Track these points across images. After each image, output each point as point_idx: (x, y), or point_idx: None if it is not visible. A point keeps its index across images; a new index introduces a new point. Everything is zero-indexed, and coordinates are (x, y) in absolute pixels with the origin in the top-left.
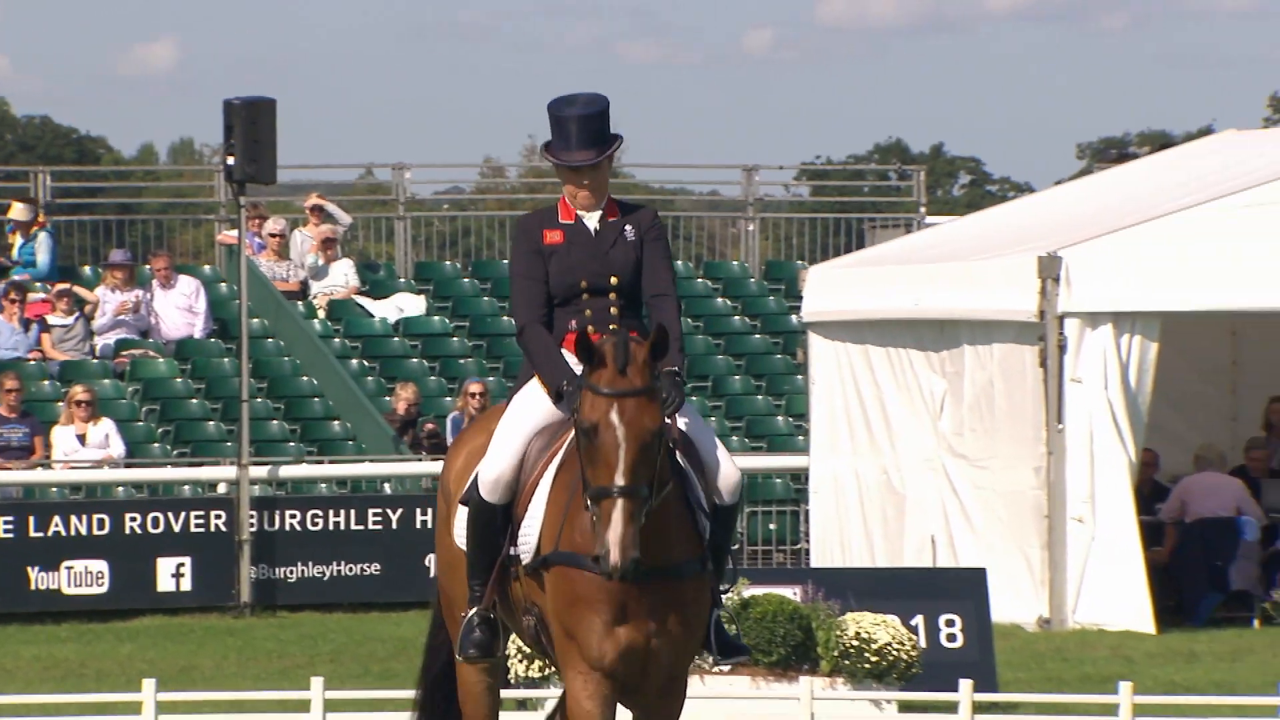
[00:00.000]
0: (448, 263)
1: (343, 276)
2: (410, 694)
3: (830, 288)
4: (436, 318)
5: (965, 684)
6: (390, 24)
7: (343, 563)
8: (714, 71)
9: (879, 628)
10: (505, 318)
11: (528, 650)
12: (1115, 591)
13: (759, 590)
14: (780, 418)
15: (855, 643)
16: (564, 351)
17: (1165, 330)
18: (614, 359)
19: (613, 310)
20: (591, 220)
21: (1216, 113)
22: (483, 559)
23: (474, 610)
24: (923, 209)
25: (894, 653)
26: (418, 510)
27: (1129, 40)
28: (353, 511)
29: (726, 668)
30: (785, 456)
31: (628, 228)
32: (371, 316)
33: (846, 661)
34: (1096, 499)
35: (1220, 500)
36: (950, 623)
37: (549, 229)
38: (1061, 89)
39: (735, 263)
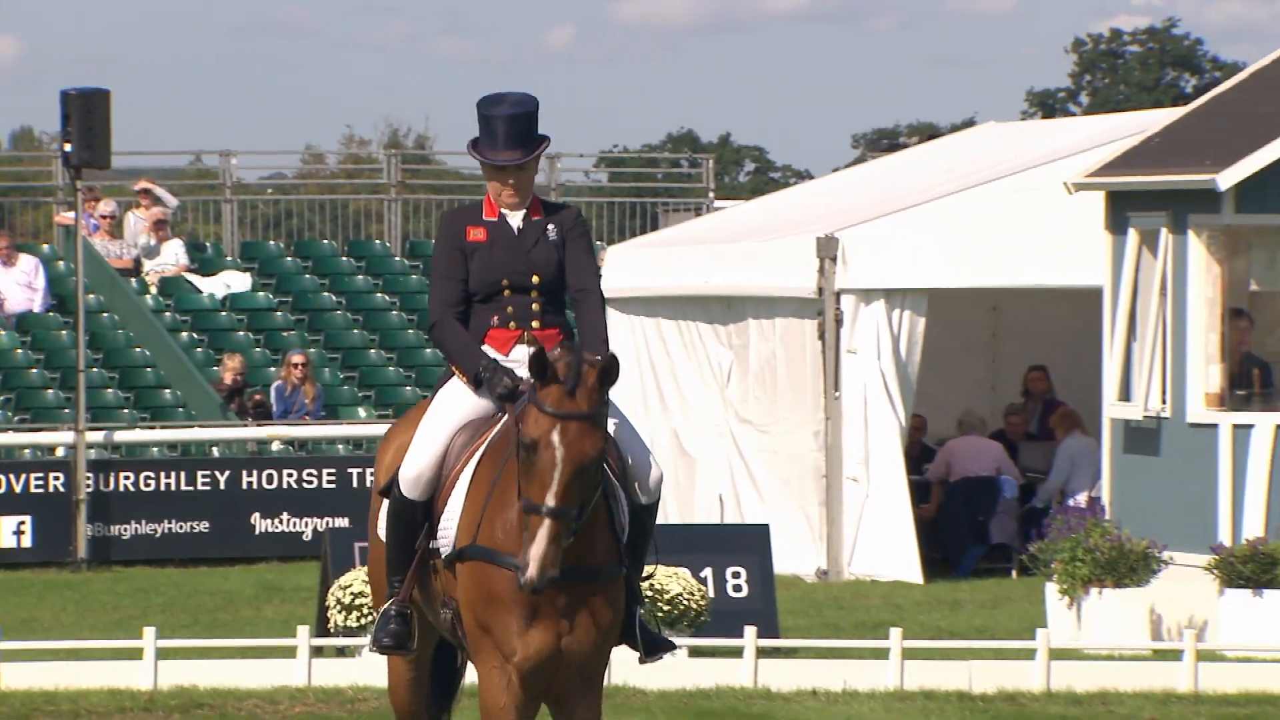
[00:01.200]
0: (271, 243)
1: (173, 255)
2: (233, 642)
3: (627, 267)
4: (261, 294)
5: (750, 631)
6: (219, 21)
7: (173, 521)
8: (518, 67)
9: (671, 580)
10: (326, 293)
11: (346, 603)
12: (887, 545)
13: None
14: None
15: (649, 593)
16: (486, 347)
17: (932, 306)
18: (565, 378)
19: (534, 308)
20: (515, 219)
21: (978, 106)
22: (401, 554)
23: (390, 603)
24: (711, 194)
25: (685, 602)
26: (244, 472)
27: (898, 40)
28: (183, 474)
29: (650, 663)
30: None
31: (550, 226)
32: (200, 292)
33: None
34: (870, 460)
35: (981, 461)
36: (737, 575)
37: (472, 226)
38: (838, 84)
39: None
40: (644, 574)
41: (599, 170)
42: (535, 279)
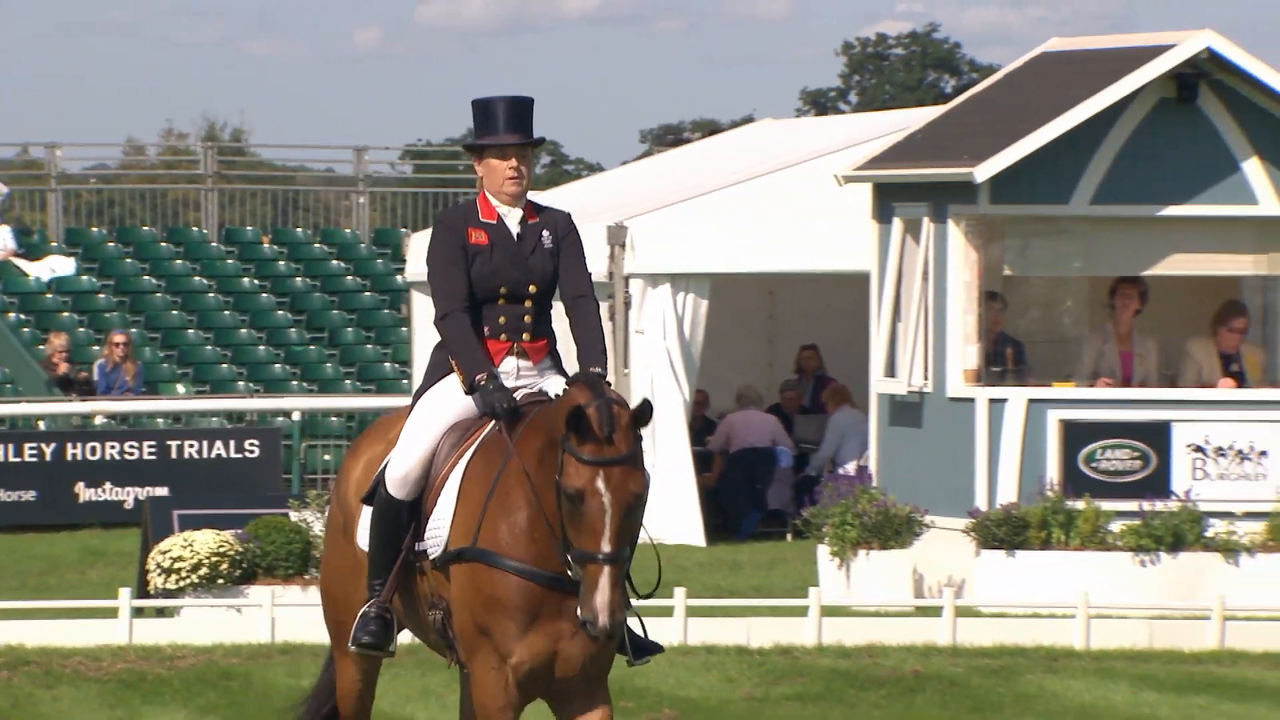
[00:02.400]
0: (95, 229)
1: (1, 241)
2: (59, 603)
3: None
4: (85, 277)
5: None
6: (45, 19)
7: (2, 490)
8: (328, 65)
9: None
10: (147, 277)
11: (165, 566)
12: (672, 511)
13: None
14: (388, 364)
15: None
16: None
17: (714, 289)
18: (599, 426)
19: (526, 319)
20: (513, 221)
21: (756, 104)
22: (385, 555)
23: (371, 604)
24: None
25: None
26: (69, 444)
27: (683, 41)
28: (11, 445)
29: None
30: (392, 397)
31: (545, 233)
32: (27, 276)
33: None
34: (656, 433)
35: (759, 433)
36: None
37: (473, 227)
38: (627, 82)
39: (348, 230)
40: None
41: (404, 162)
42: (532, 288)
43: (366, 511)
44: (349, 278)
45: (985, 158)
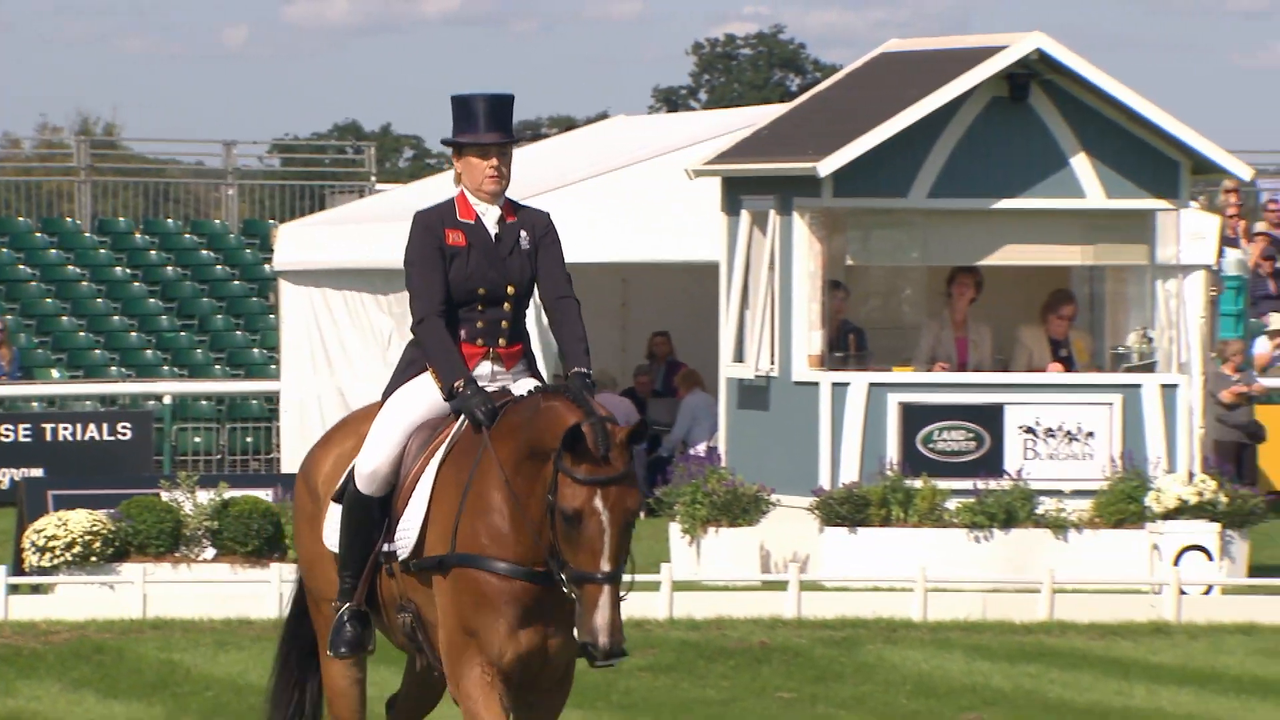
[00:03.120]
0: None
1: None
2: None
3: (297, 243)
4: None
5: None
6: None
7: None
8: (198, 62)
9: None
10: (22, 266)
11: (40, 545)
12: None
13: (237, 493)
14: (256, 350)
15: None
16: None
17: (573, 278)
18: (595, 445)
19: (504, 324)
20: (490, 221)
21: (611, 101)
22: (356, 553)
23: (345, 606)
24: (373, 178)
25: None
26: None
27: (540, 41)
28: None
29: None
30: (260, 382)
31: (523, 233)
32: None
33: None
34: None
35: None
36: None
37: (450, 228)
38: (486, 80)
39: (218, 221)
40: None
41: (272, 156)
42: (510, 290)
43: (334, 510)
44: (218, 267)
45: (828, 153)
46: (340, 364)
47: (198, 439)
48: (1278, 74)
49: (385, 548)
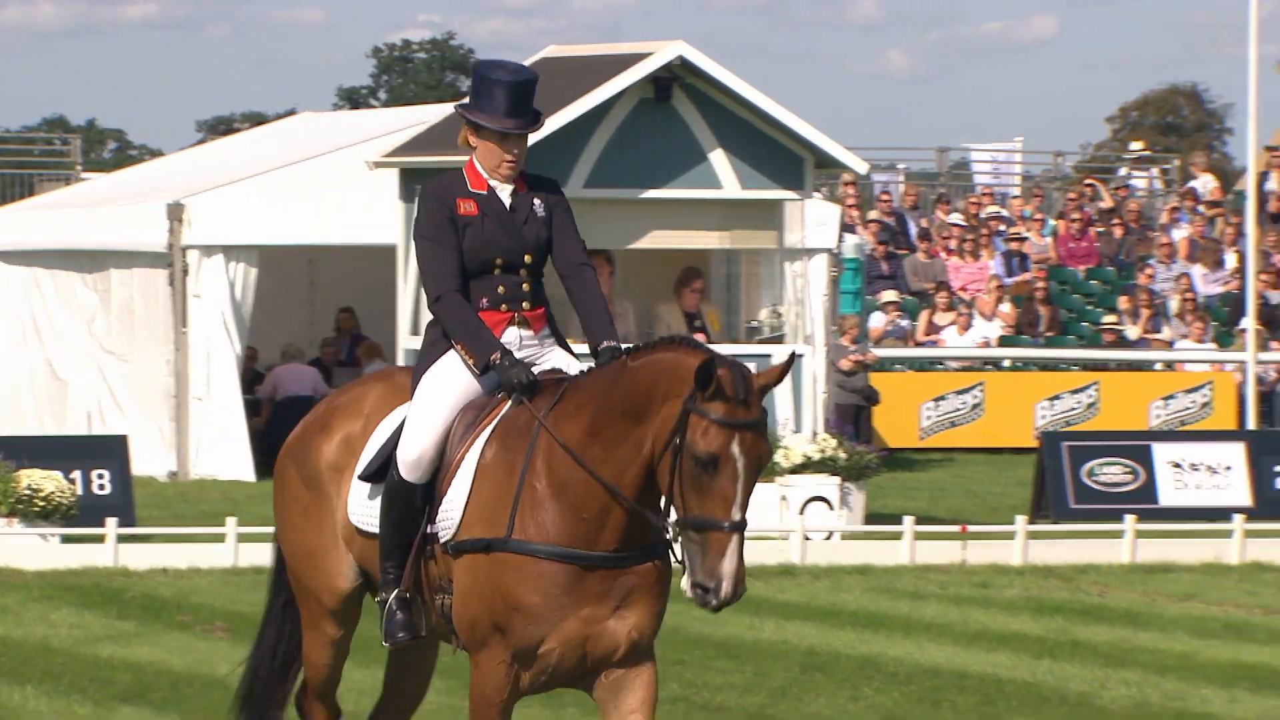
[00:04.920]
0: None
1: None
2: None
3: (8, 227)
4: None
5: (111, 520)
6: None
7: None
8: None
9: (46, 480)
10: None
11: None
12: (226, 451)
13: None
14: None
15: (27, 492)
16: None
17: (262, 259)
18: (734, 389)
19: (524, 287)
20: (504, 192)
21: (299, 99)
22: (399, 540)
23: (393, 594)
24: (79, 167)
25: (57, 499)
26: None
27: (232, 44)
28: None
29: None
30: None
31: (536, 201)
32: None
33: (20, 506)
34: (212, 383)
35: (302, 383)
36: (101, 476)
37: (461, 198)
38: (185, 78)
39: None
40: None
41: None
42: (527, 258)
43: (359, 489)
44: None
45: None
46: (49, 337)
47: None
48: (890, 79)
49: (429, 530)
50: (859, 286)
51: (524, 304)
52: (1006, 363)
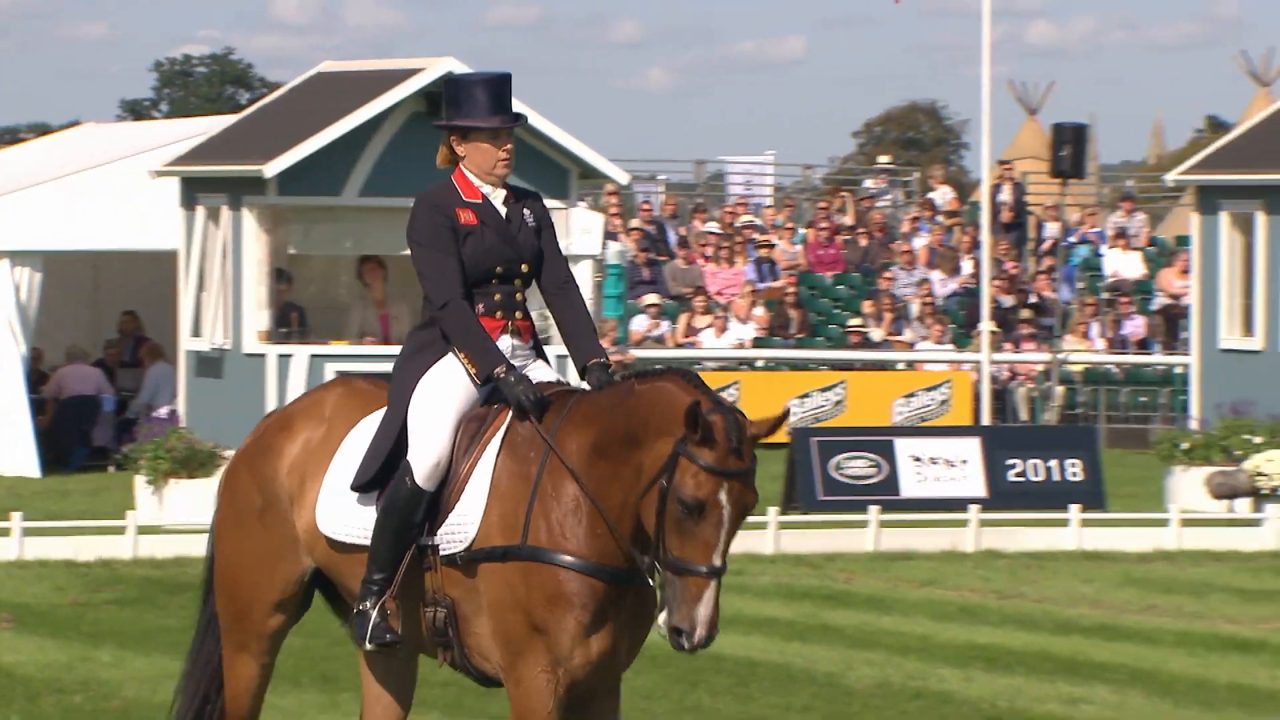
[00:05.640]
0: None
1: None
2: None
3: None
4: None
5: None
6: None
7: None
8: None
9: None
10: None
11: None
12: (11, 448)
13: None
14: None
15: None
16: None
17: (47, 264)
18: (726, 436)
19: (518, 296)
20: (497, 201)
21: (83, 110)
22: (393, 550)
23: (379, 603)
24: None
25: None
26: None
27: (17, 56)
28: None
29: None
30: None
31: (526, 211)
32: None
33: None
34: None
35: (86, 383)
36: None
37: (460, 207)
38: None
39: None
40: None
41: None
42: (524, 267)
43: (340, 499)
44: None
45: (273, 157)
46: None
47: None
48: (650, 95)
49: (428, 541)
50: (622, 291)
51: (517, 313)
52: (760, 363)
